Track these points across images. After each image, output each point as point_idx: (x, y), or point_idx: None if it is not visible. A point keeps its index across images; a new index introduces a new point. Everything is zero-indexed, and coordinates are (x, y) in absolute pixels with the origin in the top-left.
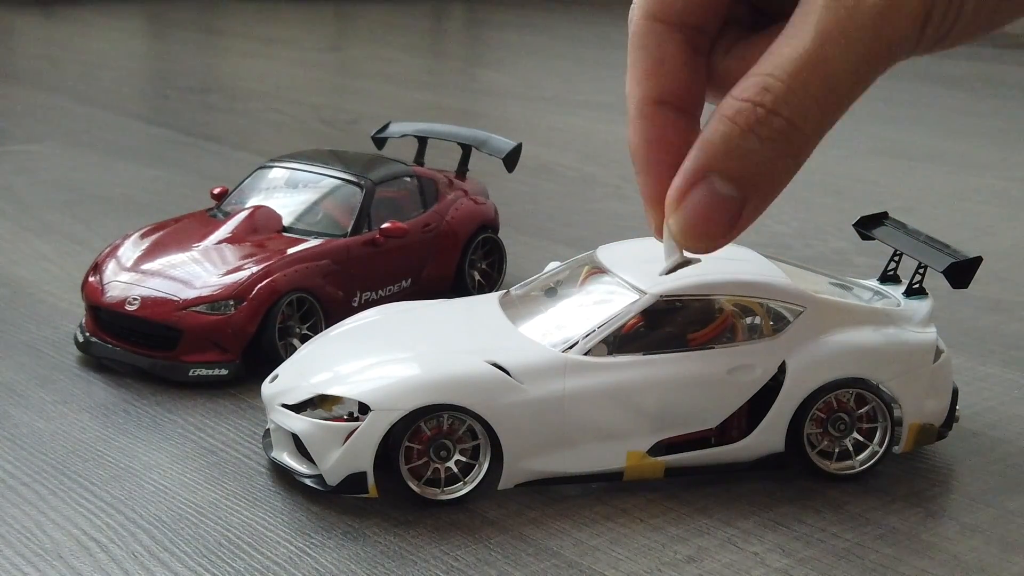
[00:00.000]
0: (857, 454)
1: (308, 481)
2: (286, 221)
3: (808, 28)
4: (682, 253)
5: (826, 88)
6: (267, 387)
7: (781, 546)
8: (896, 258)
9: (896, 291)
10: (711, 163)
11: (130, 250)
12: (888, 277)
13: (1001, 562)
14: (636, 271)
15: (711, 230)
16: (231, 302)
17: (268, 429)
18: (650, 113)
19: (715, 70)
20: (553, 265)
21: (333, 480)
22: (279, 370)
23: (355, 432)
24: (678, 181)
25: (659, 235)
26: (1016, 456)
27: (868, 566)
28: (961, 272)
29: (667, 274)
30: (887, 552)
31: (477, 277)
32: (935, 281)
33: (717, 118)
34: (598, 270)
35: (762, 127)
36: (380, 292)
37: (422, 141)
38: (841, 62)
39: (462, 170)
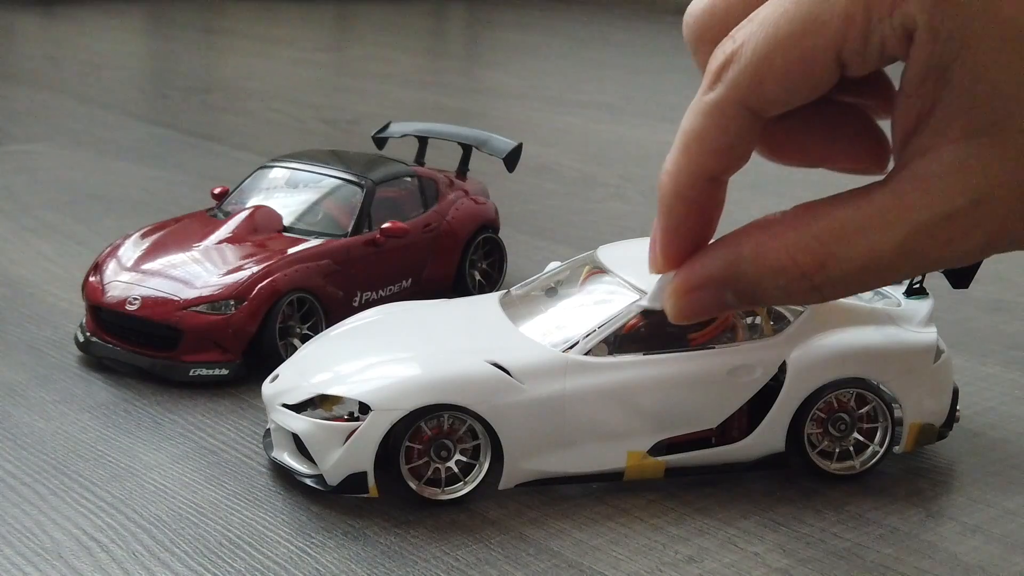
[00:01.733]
0: (857, 454)
1: (308, 481)
2: (286, 221)
3: (898, 230)
4: (661, 305)
5: (876, 284)
6: (267, 387)
7: (782, 546)
8: None
9: (896, 291)
10: (735, 285)
11: (130, 250)
12: None
13: (1002, 562)
14: (636, 271)
15: (697, 319)
16: (231, 302)
17: (268, 429)
18: (702, 187)
19: (768, 132)
20: (553, 265)
21: (333, 480)
22: (279, 370)
23: (355, 432)
24: (695, 279)
25: (655, 272)
26: (1017, 456)
27: (868, 566)
28: (961, 272)
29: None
30: (888, 552)
31: (478, 277)
32: (935, 281)
33: (758, 254)
34: (598, 270)
35: (797, 292)
36: (381, 292)
37: (422, 141)
38: (902, 274)
39: (462, 170)
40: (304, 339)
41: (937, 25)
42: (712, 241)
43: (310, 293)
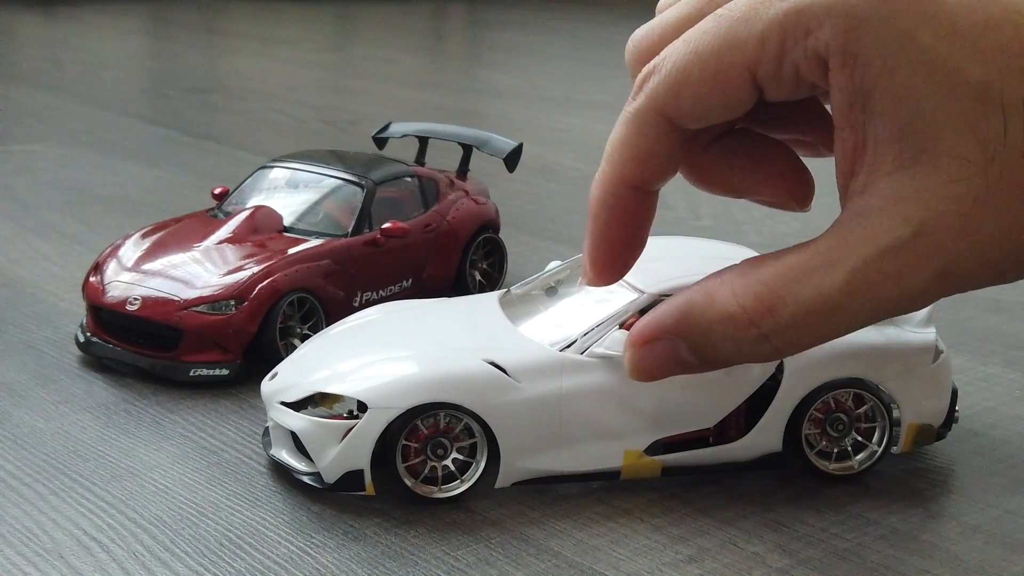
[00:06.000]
0: (856, 454)
1: (305, 479)
2: (287, 221)
3: (843, 267)
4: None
5: (832, 332)
6: (266, 385)
7: (782, 546)
8: None
9: None
10: (685, 334)
11: (131, 250)
12: None
13: (1002, 562)
14: (635, 270)
15: (656, 375)
16: (232, 302)
17: (267, 427)
18: (623, 194)
19: (694, 156)
20: (554, 264)
21: (330, 477)
22: (278, 368)
23: (352, 430)
24: (648, 329)
25: (586, 284)
26: (1017, 456)
27: (869, 566)
28: None
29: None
30: (888, 552)
31: (478, 277)
32: None
33: (708, 302)
34: None
35: (747, 342)
36: (381, 292)
37: (423, 141)
38: (857, 316)
39: (463, 170)
40: (304, 339)
41: (851, 50)
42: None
43: (310, 293)
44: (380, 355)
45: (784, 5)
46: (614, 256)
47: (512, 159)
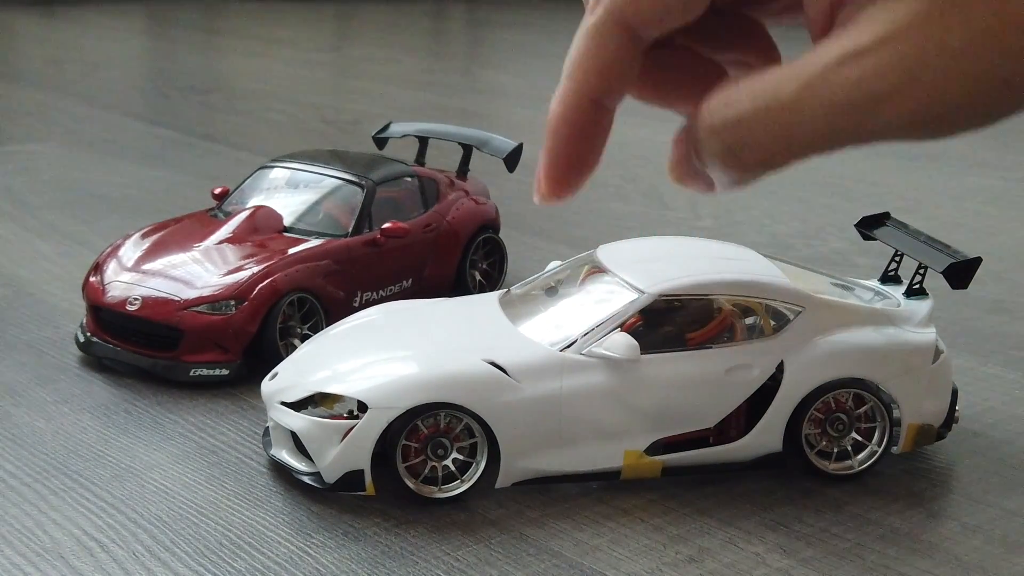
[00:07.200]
0: (855, 454)
1: (306, 479)
2: (287, 221)
3: (805, 70)
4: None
5: (784, 132)
6: (267, 385)
7: (782, 546)
8: (897, 259)
9: (897, 291)
10: (688, 135)
11: (131, 250)
12: (889, 277)
13: (1002, 562)
14: (636, 271)
15: (679, 175)
16: (232, 302)
17: (267, 427)
18: (585, 108)
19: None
20: (554, 264)
21: (330, 477)
22: (279, 368)
23: (352, 430)
24: (678, 132)
25: (540, 202)
26: (1017, 456)
27: (869, 566)
28: (960, 272)
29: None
30: (888, 552)
31: (478, 277)
32: (936, 281)
33: (700, 105)
34: (598, 269)
35: (705, 138)
36: (381, 292)
37: (423, 141)
38: (812, 116)
39: (463, 170)
40: (304, 339)
41: None
42: None
43: (310, 293)
44: (380, 355)
45: None
46: (570, 172)
47: (512, 159)
